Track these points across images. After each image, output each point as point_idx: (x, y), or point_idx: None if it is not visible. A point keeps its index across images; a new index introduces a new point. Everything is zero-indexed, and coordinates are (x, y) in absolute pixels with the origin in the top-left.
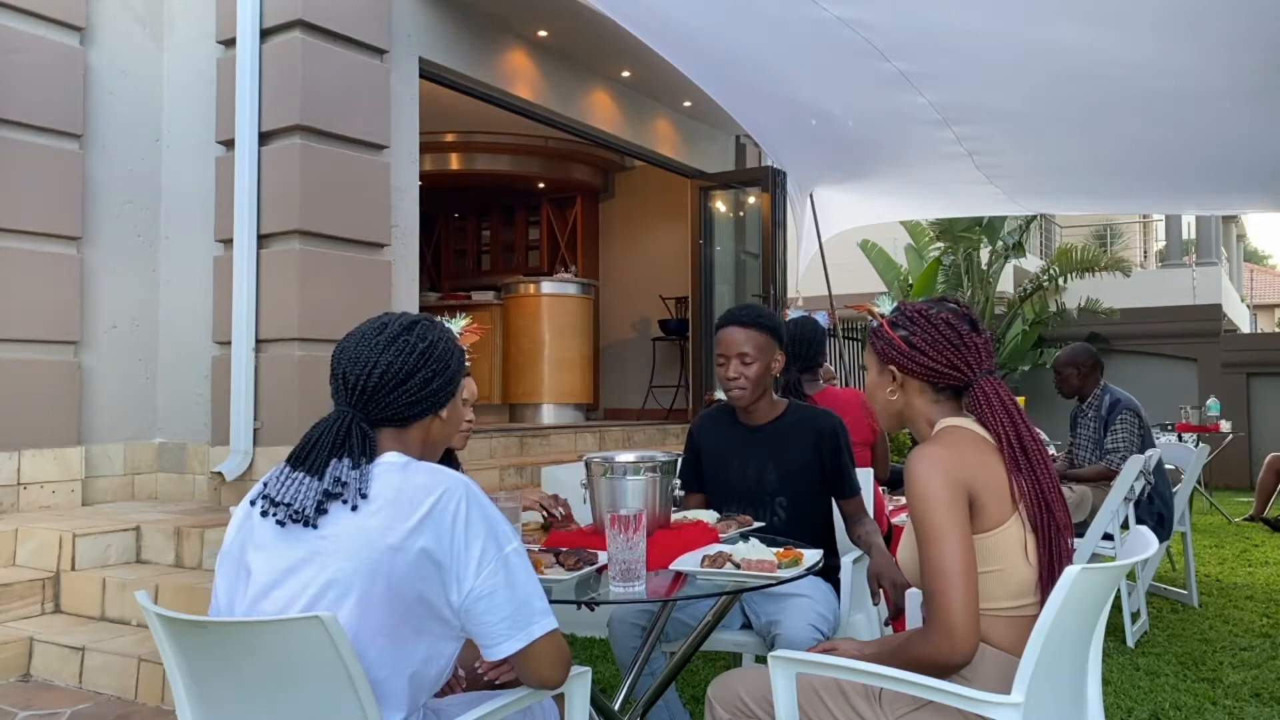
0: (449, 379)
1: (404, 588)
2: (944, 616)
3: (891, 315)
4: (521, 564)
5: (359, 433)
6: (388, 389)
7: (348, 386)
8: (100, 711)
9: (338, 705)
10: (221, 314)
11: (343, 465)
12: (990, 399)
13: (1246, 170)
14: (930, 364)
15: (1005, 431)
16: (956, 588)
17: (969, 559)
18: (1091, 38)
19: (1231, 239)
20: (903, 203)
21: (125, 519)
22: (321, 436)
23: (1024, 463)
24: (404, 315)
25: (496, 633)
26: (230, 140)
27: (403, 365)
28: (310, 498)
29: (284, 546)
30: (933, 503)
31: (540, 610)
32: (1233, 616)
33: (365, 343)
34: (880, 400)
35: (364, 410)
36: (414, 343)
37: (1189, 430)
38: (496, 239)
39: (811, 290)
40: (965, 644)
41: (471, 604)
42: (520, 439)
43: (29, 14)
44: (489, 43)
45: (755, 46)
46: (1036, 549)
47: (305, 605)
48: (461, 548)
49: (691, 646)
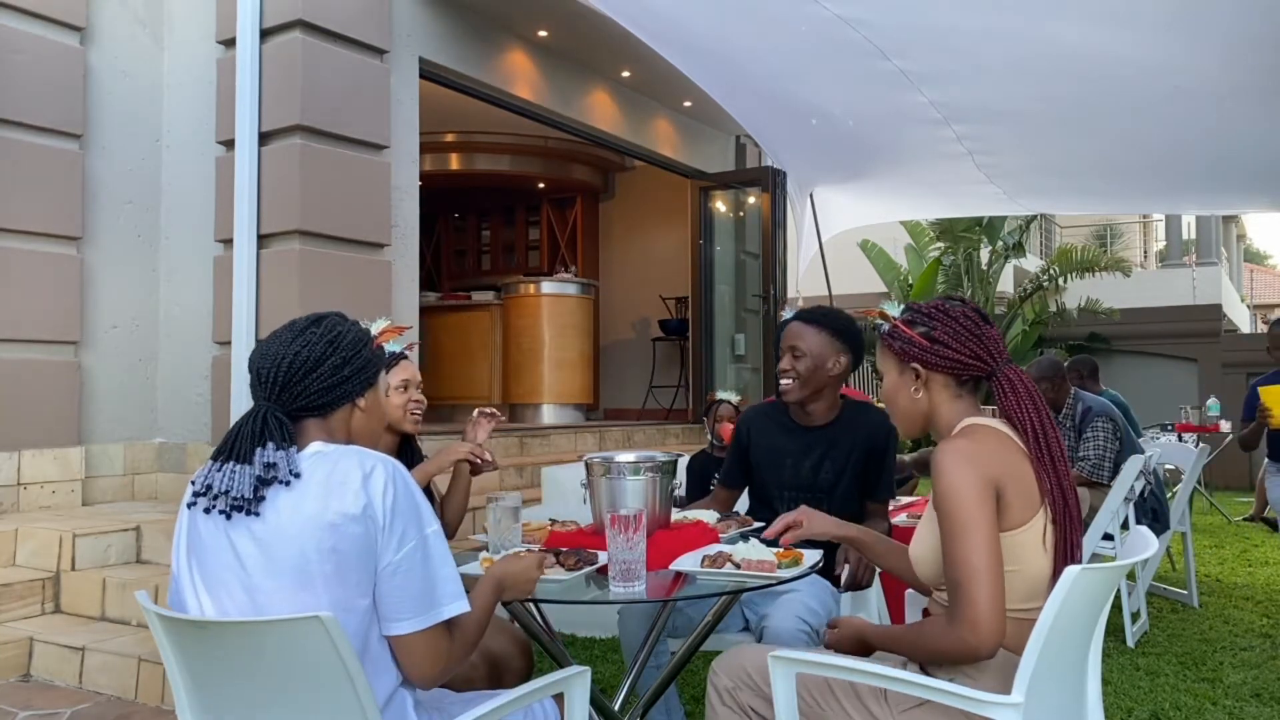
0: (360, 367)
1: (350, 558)
2: (970, 610)
3: (905, 315)
4: (439, 547)
5: (275, 420)
6: (297, 377)
7: (262, 381)
8: (100, 711)
9: (338, 705)
10: (221, 314)
11: (268, 450)
12: (1016, 386)
13: (1247, 170)
14: (955, 355)
15: (1030, 419)
16: (984, 582)
17: (996, 553)
18: (1092, 36)
19: (1231, 239)
20: (903, 203)
21: (125, 519)
22: (242, 429)
23: (1045, 452)
24: (313, 313)
25: (401, 609)
26: (230, 140)
27: (310, 354)
28: (246, 483)
29: (231, 542)
30: (963, 496)
31: (448, 595)
32: (1233, 616)
33: (275, 339)
34: (903, 402)
35: (279, 402)
36: (321, 333)
37: (1189, 430)
38: (496, 239)
39: (811, 290)
40: (990, 639)
41: (386, 578)
42: (520, 439)
43: (29, 14)
44: (489, 43)
45: (755, 46)
46: (1055, 542)
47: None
48: (388, 523)
49: (691, 646)
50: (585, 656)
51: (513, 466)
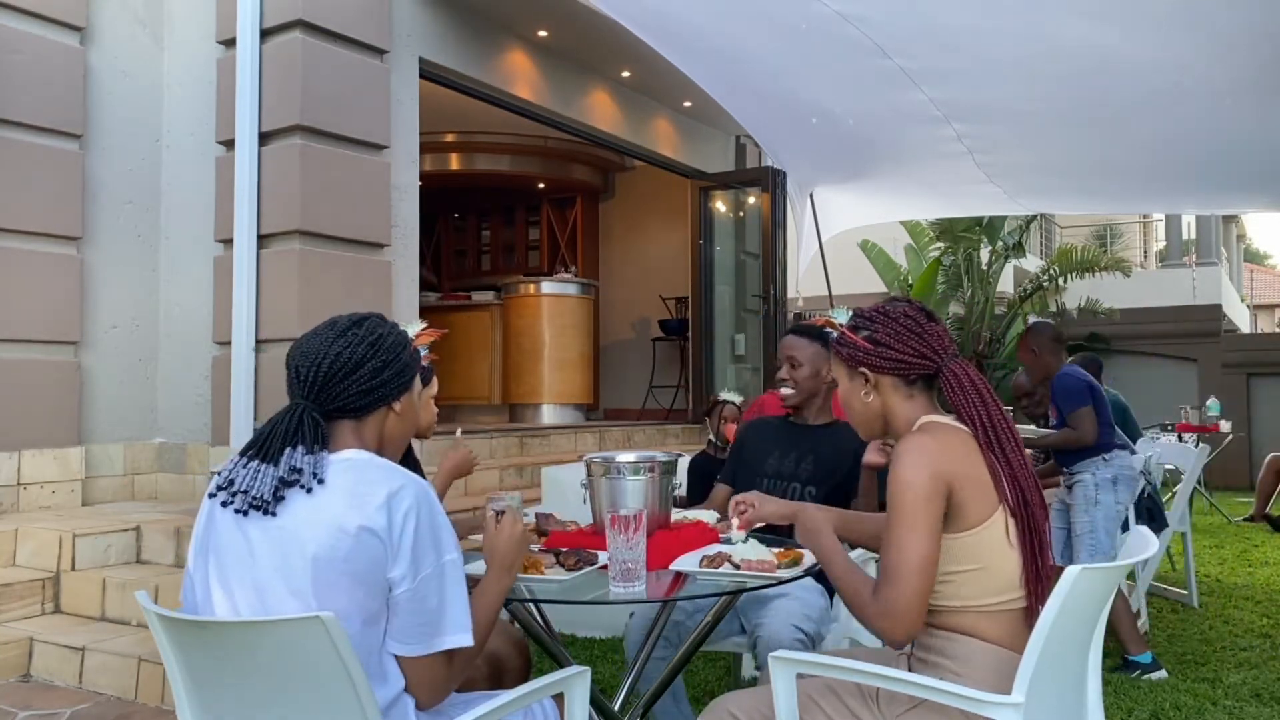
0: (400, 370)
1: (360, 569)
2: (891, 601)
3: (850, 321)
4: (455, 576)
5: (310, 421)
6: (338, 378)
7: (300, 379)
8: (100, 711)
9: (338, 705)
10: (221, 314)
11: (297, 453)
12: (961, 380)
13: (1248, 169)
14: (899, 356)
15: (978, 411)
16: (912, 578)
17: (931, 555)
18: (1093, 34)
19: (1231, 239)
20: (903, 203)
21: (125, 519)
22: (275, 428)
23: (996, 444)
24: (354, 313)
25: (405, 633)
26: (230, 140)
27: (351, 355)
28: (268, 484)
29: (246, 537)
30: (913, 490)
31: (453, 625)
32: (1233, 616)
33: (316, 337)
34: (856, 406)
35: (317, 401)
36: (363, 335)
37: (1189, 430)
38: (496, 239)
39: (811, 290)
40: (902, 631)
41: (397, 601)
42: (520, 439)
43: (29, 14)
44: (489, 43)
45: (755, 44)
46: (1018, 533)
47: (276, 597)
48: (408, 546)
49: (691, 647)
50: (585, 656)
51: (513, 466)
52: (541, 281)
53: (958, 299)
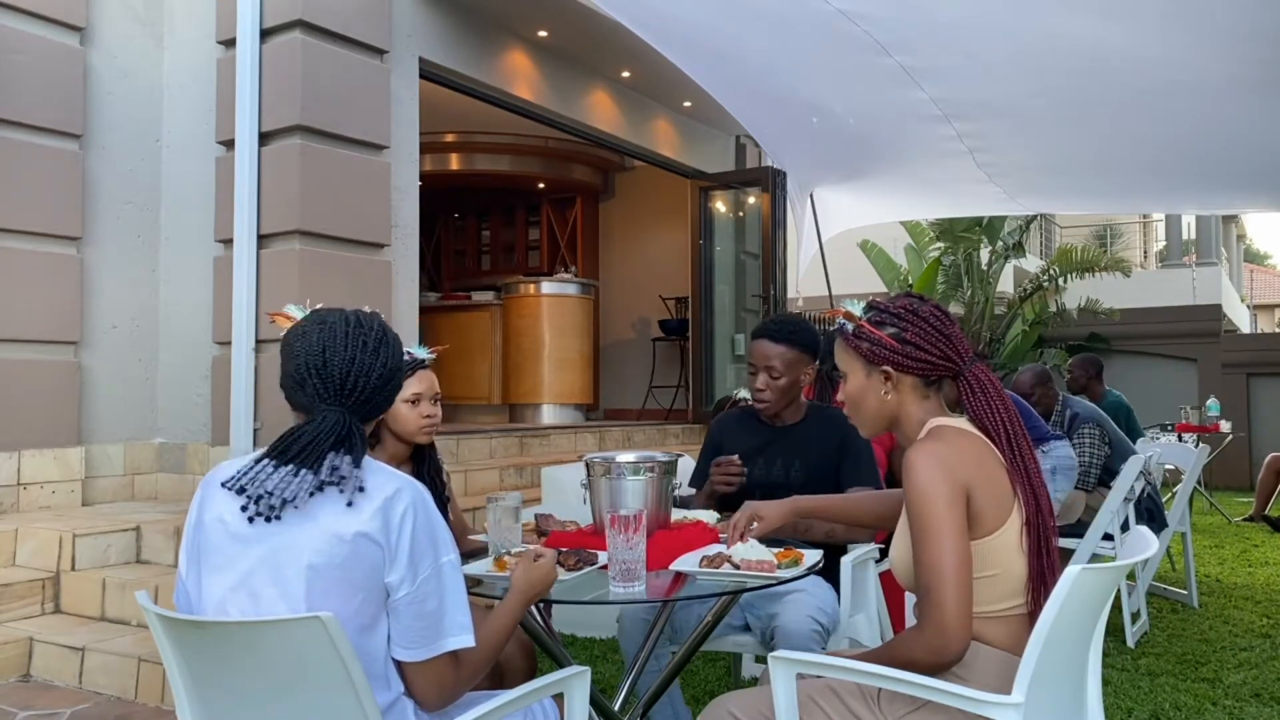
0: (399, 370)
1: (358, 575)
2: (936, 614)
3: (871, 316)
4: (453, 577)
5: (359, 432)
6: (380, 389)
7: (344, 387)
8: (100, 712)
9: (338, 705)
10: (221, 314)
11: (343, 460)
12: (985, 385)
13: (1248, 168)
14: (926, 357)
15: (1000, 419)
16: (951, 586)
17: (965, 557)
18: (1094, 31)
19: (1231, 239)
20: (903, 203)
21: (125, 519)
22: (320, 433)
23: (1016, 451)
24: (368, 318)
25: (406, 637)
26: (230, 140)
27: (390, 369)
28: (304, 488)
29: (242, 542)
30: (933, 499)
31: (455, 627)
32: (1233, 616)
33: (353, 344)
34: (872, 403)
35: (355, 411)
36: (391, 348)
37: (1189, 430)
38: (496, 239)
39: (811, 290)
40: (956, 643)
41: (396, 605)
42: (520, 439)
43: (29, 14)
44: (489, 43)
45: (756, 43)
46: (1028, 539)
47: (269, 603)
48: (405, 550)
49: (691, 646)
50: (585, 656)
51: (513, 466)
52: (541, 282)
53: (958, 299)
